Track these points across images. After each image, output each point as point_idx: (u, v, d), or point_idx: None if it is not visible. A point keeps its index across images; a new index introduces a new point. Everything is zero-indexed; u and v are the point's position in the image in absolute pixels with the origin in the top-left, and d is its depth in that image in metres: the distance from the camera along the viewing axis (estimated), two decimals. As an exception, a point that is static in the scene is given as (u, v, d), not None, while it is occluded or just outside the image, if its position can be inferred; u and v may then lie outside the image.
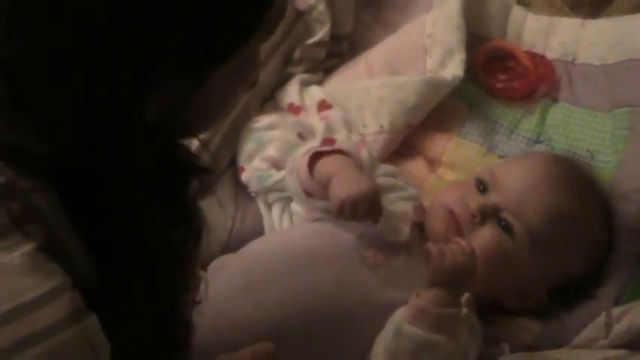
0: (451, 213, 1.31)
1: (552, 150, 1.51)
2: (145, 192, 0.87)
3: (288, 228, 1.40)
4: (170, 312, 0.93)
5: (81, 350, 0.81)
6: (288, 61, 1.59)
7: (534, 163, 1.38)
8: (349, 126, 1.53)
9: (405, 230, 1.30)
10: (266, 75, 1.54)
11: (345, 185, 1.25)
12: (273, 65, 1.55)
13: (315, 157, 1.31)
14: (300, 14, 1.59)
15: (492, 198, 1.31)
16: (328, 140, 1.42)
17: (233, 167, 1.49)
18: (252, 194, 1.45)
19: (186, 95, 0.85)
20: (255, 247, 1.34)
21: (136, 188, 0.86)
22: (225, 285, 1.24)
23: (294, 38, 1.58)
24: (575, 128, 1.53)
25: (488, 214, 1.29)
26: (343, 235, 1.29)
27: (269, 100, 1.57)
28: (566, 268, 1.33)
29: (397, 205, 1.34)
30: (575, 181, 1.36)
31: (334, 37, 1.62)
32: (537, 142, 1.54)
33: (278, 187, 1.43)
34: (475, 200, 1.30)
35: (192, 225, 0.95)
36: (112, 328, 0.83)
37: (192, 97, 0.85)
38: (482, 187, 1.33)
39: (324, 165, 1.30)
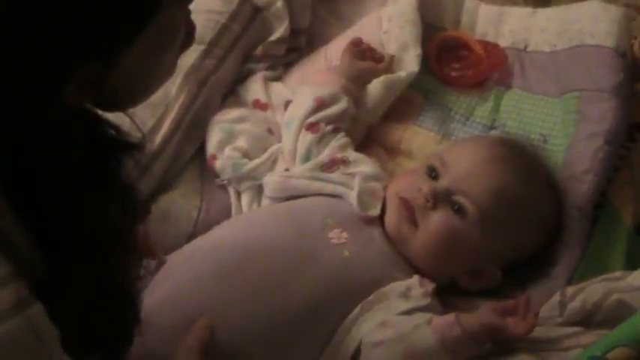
0: (405, 201, 1.33)
1: (507, 135, 1.52)
2: (78, 174, 0.87)
3: (253, 211, 1.42)
4: (117, 291, 0.94)
5: (27, 339, 0.81)
6: (247, 57, 1.60)
7: (480, 145, 1.41)
8: None
9: (378, 206, 1.34)
10: (226, 70, 1.55)
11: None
12: (232, 61, 1.56)
13: None
14: (258, 10, 1.60)
15: (443, 182, 1.33)
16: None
17: (196, 160, 1.51)
18: (224, 182, 1.46)
19: (105, 74, 0.84)
20: (220, 232, 1.35)
21: (69, 172, 0.86)
22: (192, 271, 1.26)
23: (253, 34, 1.58)
24: (528, 113, 1.55)
25: (441, 199, 1.32)
26: (308, 217, 1.32)
27: (230, 96, 1.58)
28: (517, 244, 1.35)
29: (368, 182, 1.38)
30: (519, 160, 1.38)
31: (292, 31, 1.63)
32: (492, 128, 1.56)
33: (251, 175, 1.45)
34: (427, 186, 1.32)
35: (127, 202, 0.94)
36: (62, 313, 0.84)
37: (111, 74, 0.85)
38: (433, 173, 1.36)
39: None
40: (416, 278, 1.29)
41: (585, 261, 1.36)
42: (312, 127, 1.44)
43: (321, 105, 1.44)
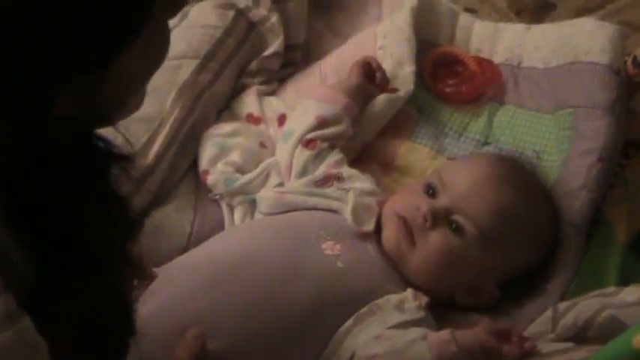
0: (403, 220, 1.33)
1: (500, 151, 1.53)
2: (69, 185, 0.86)
3: (247, 223, 1.42)
4: (111, 302, 0.93)
5: (17, 352, 0.80)
6: (242, 71, 1.60)
7: (479, 163, 1.40)
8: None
9: (372, 221, 1.34)
10: (221, 85, 1.55)
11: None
12: (227, 76, 1.56)
13: None
14: (252, 25, 1.60)
15: (442, 201, 1.33)
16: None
17: (191, 173, 1.50)
18: (217, 197, 1.45)
19: (95, 86, 0.84)
20: (214, 243, 1.35)
21: (60, 183, 0.85)
22: (186, 282, 1.26)
23: (248, 49, 1.58)
24: (522, 129, 1.55)
25: (439, 218, 1.31)
26: (301, 229, 1.32)
27: (225, 110, 1.57)
28: (516, 262, 1.35)
29: (363, 198, 1.38)
30: (518, 178, 1.37)
31: (288, 47, 1.63)
32: (485, 143, 1.56)
33: (244, 190, 1.44)
34: (425, 205, 1.31)
35: (120, 213, 0.94)
36: (55, 325, 0.83)
37: (102, 86, 0.84)
38: (431, 191, 1.35)
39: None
40: (409, 291, 1.29)
41: (579, 277, 1.36)
42: (309, 143, 1.44)
43: (322, 124, 1.44)
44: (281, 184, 1.45)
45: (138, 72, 0.88)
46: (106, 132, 0.92)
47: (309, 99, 1.48)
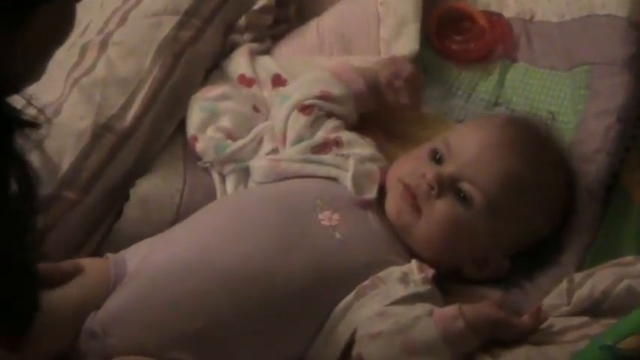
0: (407, 187, 1.30)
1: (512, 112, 1.49)
2: None
3: (239, 193, 1.38)
4: (16, 268, 0.93)
5: None
6: (230, 28, 1.54)
7: (488, 127, 1.36)
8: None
9: (374, 188, 1.32)
10: (206, 43, 1.49)
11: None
12: (212, 32, 1.50)
13: None
14: (240, -22, 1.54)
15: (448, 168, 1.29)
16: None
17: (179, 138, 1.45)
18: (207, 165, 1.41)
19: (7, 42, 0.83)
20: (203, 216, 1.32)
21: None
22: (176, 258, 1.23)
23: (234, 3, 1.53)
24: (535, 89, 1.52)
25: (446, 186, 1.28)
26: (296, 199, 1.29)
27: (214, 70, 1.52)
28: (526, 232, 1.32)
29: (364, 164, 1.35)
30: (531, 142, 1.34)
31: (280, 2, 1.59)
32: (496, 104, 1.53)
33: (235, 157, 1.40)
34: (431, 172, 1.28)
35: (22, 178, 0.92)
36: None
37: (11, 46, 0.84)
38: (437, 157, 1.32)
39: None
40: (414, 263, 1.26)
41: (596, 246, 1.33)
42: (305, 109, 1.39)
43: (325, 97, 1.40)
44: (275, 151, 1.41)
45: (45, 40, 0.88)
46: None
47: (323, 70, 1.44)
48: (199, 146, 1.42)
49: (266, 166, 1.37)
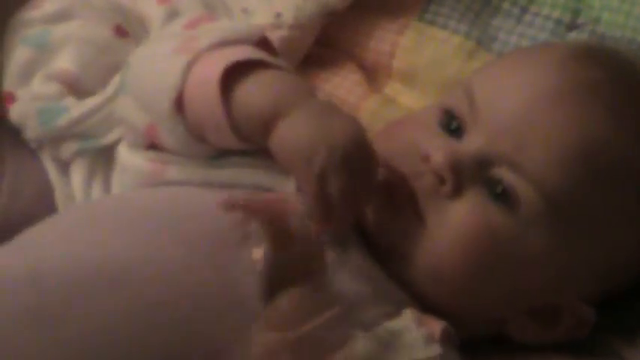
0: (396, 177, 0.97)
1: (599, 40, 1.13)
2: None
3: (110, 198, 1.05)
4: None
5: None
6: None
7: (543, 64, 1.00)
8: (214, 14, 1.18)
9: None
10: None
11: (318, 126, 0.94)
12: None
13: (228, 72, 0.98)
14: None
15: (473, 143, 0.96)
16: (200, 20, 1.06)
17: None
18: (33, 145, 1.10)
19: None
20: (44, 235, 0.98)
21: None
22: None
23: None
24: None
25: (468, 175, 0.94)
26: (212, 223, 0.95)
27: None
28: (620, 254, 0.98)
29: None
30: (626, 94, 0.99)
31: None
32: (573, 27, 1.15)
33: (80, 131, 1.05)
34: (441, 151, 0.95)
35: None
36: None
37: None
38: (453, 124, 0.98)
39: (255, 87, 0.97)
40: (409, 313, 0.93)
41: None
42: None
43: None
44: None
45: None
46: None
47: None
48: (15, 111, 1.08)
49: (145, 172, 1.02)
